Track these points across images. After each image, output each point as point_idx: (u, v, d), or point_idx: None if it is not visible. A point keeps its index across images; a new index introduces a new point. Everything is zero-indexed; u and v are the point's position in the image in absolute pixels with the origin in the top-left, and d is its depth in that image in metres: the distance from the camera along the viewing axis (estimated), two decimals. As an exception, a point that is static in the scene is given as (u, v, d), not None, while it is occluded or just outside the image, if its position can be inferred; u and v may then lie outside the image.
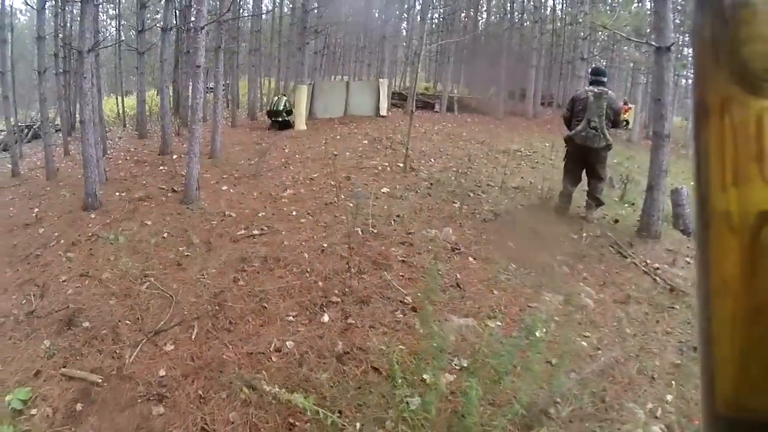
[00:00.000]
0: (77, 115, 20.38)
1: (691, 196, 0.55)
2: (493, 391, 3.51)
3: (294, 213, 7.91)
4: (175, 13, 18.57)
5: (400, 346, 4.25)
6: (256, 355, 4.39)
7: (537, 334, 3.29)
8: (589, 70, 9.06)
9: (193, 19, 18.73)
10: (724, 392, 0.50)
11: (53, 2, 17.26)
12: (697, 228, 0.51)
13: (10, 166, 13.79)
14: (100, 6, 13.93)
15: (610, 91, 7.98)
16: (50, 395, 4.14)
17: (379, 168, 10.64)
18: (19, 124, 17.71)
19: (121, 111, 23.58)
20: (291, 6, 23.57)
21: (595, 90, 7.86)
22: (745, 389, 0.49)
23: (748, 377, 0.48)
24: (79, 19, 19.47)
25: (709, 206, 0.49)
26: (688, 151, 19.04)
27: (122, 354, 4.60)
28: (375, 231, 6.95)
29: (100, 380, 4.26)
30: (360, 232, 6.78)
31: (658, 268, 6.41)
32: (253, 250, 6.47)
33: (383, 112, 19.75)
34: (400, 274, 5.80)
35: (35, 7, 13.38)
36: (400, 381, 3.49)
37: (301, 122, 16.98)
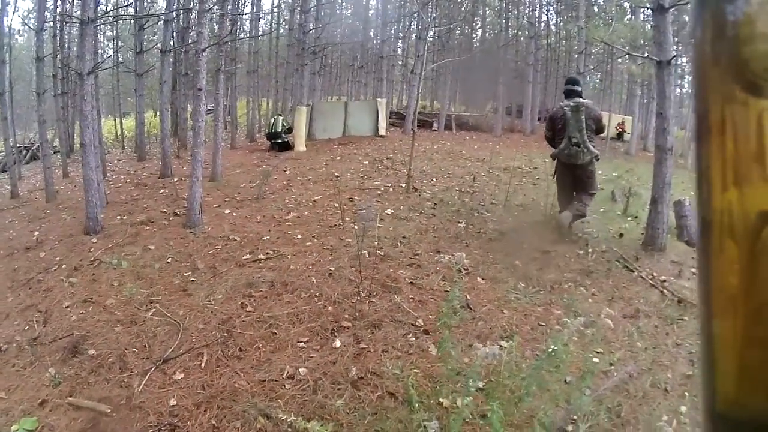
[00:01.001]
0: (75, 137, 20.54)
1: (693, 198, 0.53)
2: (511, 411, 3.47)
3: (299, 236, 7.86)
4: (173, 34, 18.58)
5: (415, 370, 4.26)
6: (269, 382, 4.33)
7: (552, 353, 3.26)
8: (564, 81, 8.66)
9: (191, 42, 18.90)
10: (724, 391, 0.51)
11: (52, 23, 17.28)
12: (698, 228, 0.52)
13: (9, 187, 13.82)
14: (98, 28, 13.95)
15: (586, 101, 7.82)
16: (57, 425, 4.06)
17: (382, 189, 10.63)
18: (18, 145, 17.71)
19: (119, 133, 23.59)
20: (288, 27, 23.59)
21: (571, 104, 7.71)
22: (745, 388, 0.49)
23: (749, 376, 0.49)
24: (77, 40, 19.66)
25: (711, 206, 0.50)
26: (686, 162, 19.22)
27: (131, 383, 4.52)
28: (382, 253, 6.93)
29: (109, 410, 4.18)
30: (367, 255, 6.75)
31: (665, 281, 6.46)
32: (260, 275, 6.40)
33: (382, 132, 19.84)
34: (410, 296, 5.78)
35: (34, 28, 13.40)
36: (416, 405, 3.46)
37: (300, 144, 17.00)
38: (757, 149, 0.45)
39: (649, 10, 8.77)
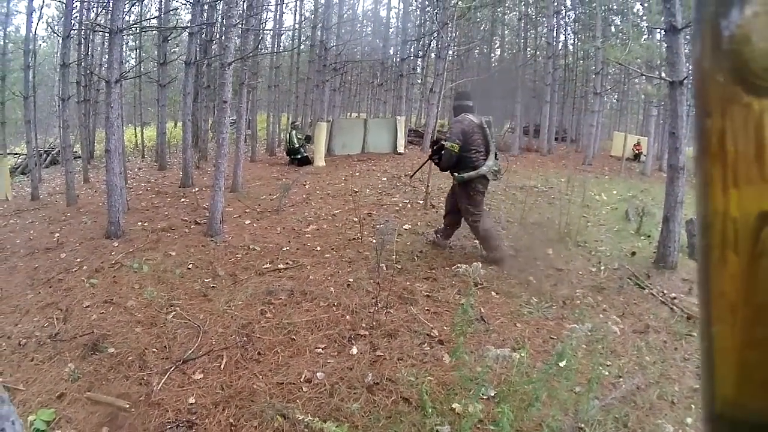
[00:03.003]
0: (96, 144, 20.74)
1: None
2: (521, 418, 3.54)
3: (318, 248, 7.95)
4: (196, 47, 18.83)
5: (429, 378, 4.32)
6: (287, 385, 4.39)
7: (562, 363, 3.33)
8: (455, 94, 7.97)
9: (214, 55, 19.10)
10: (724, 392, 0.51)
11: (76, 30, 17.50)
12: (698, 229, 0.53)
13: (29, 189, 14.02)
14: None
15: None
16: (75, 418, 4.11)
17: (400, 205, 10.74)
18: (38, 149, 17.92)
19: (140, 142, 23.81)
20: (309, 44, 23.79)
21: (483, 118, 7.37)
22: (745, 389, 0.50)
23: (749, 377, 0.49)
24: (100, 48, 19.92)
25: (710, 207, 0.50)
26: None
27: (150, 381, 4.57)
28: (399, 267, 7.01)
29: (128, 405, 4.22)
30: (385, 268, 6.82)
31: (675, 298, 6.48)
32: (279, 284, 6.47)
33: (401, 149, 19.96)
34: (426, 308, 5.84)
35: (60, 35, 13.60)
36: (430, 410, 3.53)
37: (320, 159, 17.21)
38: (757, 150, 0.46)
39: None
